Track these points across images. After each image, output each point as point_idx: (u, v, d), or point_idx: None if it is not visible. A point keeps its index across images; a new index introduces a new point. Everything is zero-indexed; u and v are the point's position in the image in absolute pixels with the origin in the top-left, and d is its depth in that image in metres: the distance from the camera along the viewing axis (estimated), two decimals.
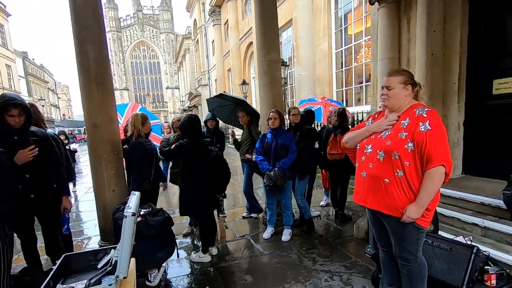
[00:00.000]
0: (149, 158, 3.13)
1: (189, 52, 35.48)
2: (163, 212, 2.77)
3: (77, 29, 2.93)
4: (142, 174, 3.12)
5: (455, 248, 1.99)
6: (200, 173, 3.01)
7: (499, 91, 3.21)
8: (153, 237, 2.57)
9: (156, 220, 2.62)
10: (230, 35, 17.75)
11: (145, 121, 3.18)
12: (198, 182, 3.01)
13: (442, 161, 1.59)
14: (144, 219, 2.56)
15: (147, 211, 2.63)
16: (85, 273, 1.59)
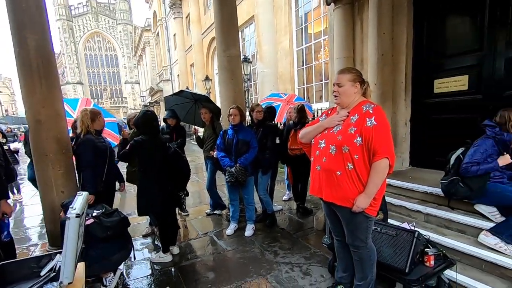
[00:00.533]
0: (101, 156, 2.95)
1: (149, 46, 33.94)
2: (118, 213, 2.64)
3: (14, 13, 2.64)
4: (93, 173, 2.93)
5: (400, 233, 2.17)
6: (157, 170, 2.91)
7: (439, 90, 3.52)
8: (108, 239, 2.44)
9: (111, 220, 2.49)
10: (192, 29, 17.30)
11: (95, 117, 2.97)
12: (156, 180, 2.91)
13: (386, 153, 1.72)
14: (98, 220, 2.42)
15: (100, 212, 2.49)
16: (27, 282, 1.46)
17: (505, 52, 2.94)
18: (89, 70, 59.55)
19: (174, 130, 4.28)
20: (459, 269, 2.22)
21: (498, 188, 2.38)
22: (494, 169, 2.39)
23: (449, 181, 2.57)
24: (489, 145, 2.43)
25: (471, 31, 3.20)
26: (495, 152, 2.41)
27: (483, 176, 2.40)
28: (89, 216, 2.39)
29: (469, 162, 2.43)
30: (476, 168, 2.39)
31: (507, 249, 2.21)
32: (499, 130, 2.42)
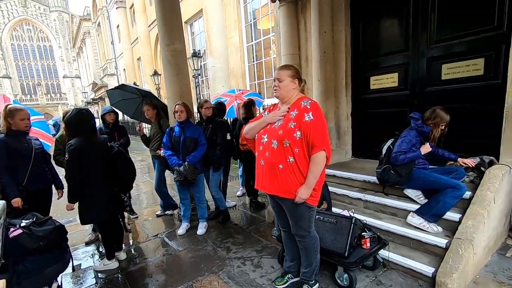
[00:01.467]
0: (19, 158, 2.64)
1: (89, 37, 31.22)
2: (52, 221, 2.38)
3: None
4: (9, 177, 2.61)
5: (339, 221, 2.34)
6: (101, 175, 2.70)
7: (375, 86, 3.84)
8: (41, 250, 2.20)
9: (43, 230, 2.24)
10: (138, 20, 16.31)
11: (13, 115, 2.65)
12: (100, 186, 2.70)
13: (323, 146, 1.84)
14: (27, 230, 2.16)
15: (30, 222, 2.23)
16: None
17: (426, 53, 3.31)
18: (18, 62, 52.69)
19: (115, 130, 3.99)
20: (391, 249, 2.48)
21: (422, 174, 2.69)
22: (418, 157, 2.70)
23: (382, 170, 2.84)
24: (413, 135, 2.73)
25: (399, 33, 3.54)
26: (418, 142, 2.72)
27: (409, 163, 2.69)
28: (16, 227, 2.13)
29: (397, 152, 2.70)
30: (404, 157, 2.67)
31: (429, 227, 2.52)
32: (421, 122, 2.74)
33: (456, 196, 2.50)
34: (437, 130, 2.71)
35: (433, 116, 2.71)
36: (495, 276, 2.27)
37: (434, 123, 2.70)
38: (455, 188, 2.49)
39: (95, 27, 28.74)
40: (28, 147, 2.76)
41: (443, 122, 2.70)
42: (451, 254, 2.15)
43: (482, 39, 2.90)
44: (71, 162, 2.54)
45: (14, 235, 2.07)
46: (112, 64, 24.31)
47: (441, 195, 2.52)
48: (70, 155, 2.52)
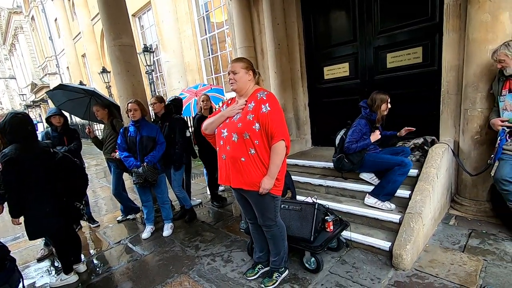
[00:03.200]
0: None
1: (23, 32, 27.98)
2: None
3: None
4: None
5: (304, 207, 2.42)
6: (45, 185, 2.46)
7: (328, 76, 4.01)
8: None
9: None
10: (79, 14, 14.96)
11: None
12: (45, 198, 2.46)
13: (282, 136, 1.88)
14: None
15: None
16: None
17: (372, 43, 3.52)
18: None
19: (65, 134, 3.65)
20: (352, 229, 2.64)
21: (371, 157, 2.89)
22: (368, 145, 2.90)
23: (337, 159, 3.02)
24: (363, 124, 2.90)
25: (347, 24, 3.72)
26: (368, 130, 2.90)
27: (361, 151, 2.88)
28: None
29: (349, 142, 2.87)
30: (355, 146, 2.85)
31: (384, 206, 2.72)
32: (369, 111, 2.91)
33: (403, 173, 2.71)
34: (383, 111, 2.88)
35: (373, 101, 2.86)
36: (441, 243, 2.54)
37: (377, 106, 2.85)
38: (401, 165, 2.70)
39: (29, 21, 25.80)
40: None
41: (384, 101, 2.84)
42: (404, 227, 2.36)
43: (420, 29, 3.16)
44: (5, 173, 2.29)
45: None
46: (53, 62, 22.12)
47: (390, 174, 2.73)
48: (4, 165, 2.28)
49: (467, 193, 2.93)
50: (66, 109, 4.13)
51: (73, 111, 4.28)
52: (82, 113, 4.27)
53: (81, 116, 4.41)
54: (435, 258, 2.34)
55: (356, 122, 2.94)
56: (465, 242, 2.51)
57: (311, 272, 2.37)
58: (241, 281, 2.40)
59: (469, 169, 2.74)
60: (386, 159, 2.82)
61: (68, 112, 4.19)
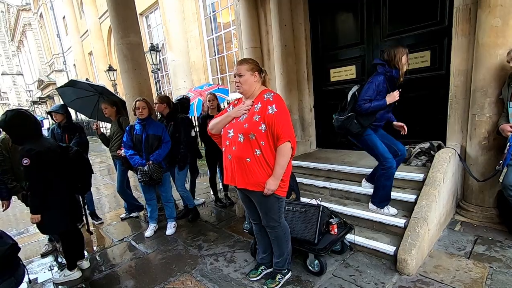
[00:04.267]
0: None
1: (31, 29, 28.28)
2: (3, 240, 2.12)
3: None
4: None
5: (308, 209, 2.41)
6: (59, 180, 2.48)
7: (335, 78, 4.00)
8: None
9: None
10: (87, 12, 15.09)
11: None
12: (64, 193, 2.50)
13: (288, 137, 1.88)
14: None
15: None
16: None
17: (380, 46, 3.51)
18: None
19: (66, 131, 3.64)
20: (357, 232, 2.62)
21: (369, 133, 2.63)
22: (382, 107, 2.53)
23: (346, 117, 2.62)
24: (381, 80, 2.52)
25: (355, 27, 3.71)
26: (384, 90, 2.54)
27: (372, 115, 2.57)
28: None
29: (363, 100, 2.52)
30: (368, 106, 2.50)
31: (382, 211, 2.71)
32: (388, 67, 2.52)
33: (388, 177, 2.58)
34: (404, 65, 2.51)
35: (393, 53, 2.48)
36: (447, 249, 2.51)
37: (398, 60, 2.47)
38: (383, 166, 2.56)
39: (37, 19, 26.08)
40: None
41: (404, 53, 2.49)
42: (409, 232, 2.34)
43: (428, 33, 3.14)
44: (33, 168, 2.28)
45: None
46: (60, 59, 22.33)
47: (377, 181, 2.67)
48: (32, 160, 2.26)
49: (473, 199, 2.91)
50: (74, 107, 4.16)
51: (81, 109, 4.32)
52: (89, 112, 4.30)
53: (88, 115, 4.44)
54: (440, 264, 2.32)
55: (372, 78, 2.56)
56: (470, 248, 2.48)
57: (314, 274, 2.36)
58: (243, 282, 2.40)
59: (476, 175, 2.71)
60: (379, 147, 2.59)
61: (76, 110, 4.23)
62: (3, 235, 2.09)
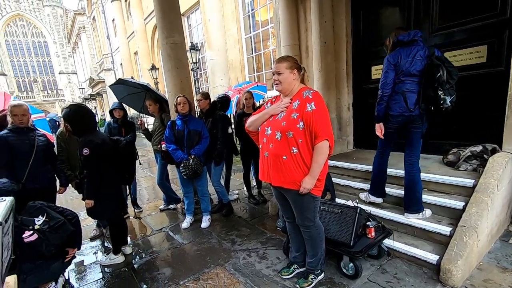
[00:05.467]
0: (18, 156, 2.64)
1: (85, 31, 30.83)
2: (67, 226, 2.36)
3: None
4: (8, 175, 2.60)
5: (344, 211, 2.35)
6: (111, 169, 2.70)
7: (376, 76, 3.81)
8: (52, 255, 2.22)
9: (59, 237, 2.24)
10: (133, 14, 16.08)
11: (10, 112, 2.65)
12: (115, 182, 2.73)
13: (326, 136, 1.84)
14: (42, 236, 2.14)
15: (43, 222, 2.20)
16: None
17: (428, 41, 3.27)
18: (13, 59, 52.06)
19: (123, 125, 3.99)
20: (395, 237, 2.50)
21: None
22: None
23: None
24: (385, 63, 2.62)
25: (401, 21, 3.49)
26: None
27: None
28: (30, 229, 2.11)
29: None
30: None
31: (424, 214, 2.57)
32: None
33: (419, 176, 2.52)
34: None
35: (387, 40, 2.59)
36: (499, 262, 2.29)
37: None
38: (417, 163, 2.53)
39: (90, 22, 28.36)
40: (29, 144, 2.73)
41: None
42: (456, 241, 2.17)
43: (485, 26, 2.87)
44: (92, 158, 2.50)
45: (29, 241, 2.06)
46: (109, 59, 24.07)
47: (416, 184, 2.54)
48: (91, 150, 2.49)
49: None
50: (125, 102, 4.49)
51: (132, 104, 4.63)
52: (139, 107, 4.60)
53: (138, 110, 4.75)
54: (490, 278, 2.12)
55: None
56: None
57: (348, 277, 2.29)
58: (275, 279, 2.41)
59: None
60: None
61: (127, 105, 4.55)
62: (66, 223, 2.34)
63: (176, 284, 2.51)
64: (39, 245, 2.10)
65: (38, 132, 2.92)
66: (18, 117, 2.68)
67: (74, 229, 2.37)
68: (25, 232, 2.06)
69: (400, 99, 2.47)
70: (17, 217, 2.11)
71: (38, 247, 2.09)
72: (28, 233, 2.06)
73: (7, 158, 2.60)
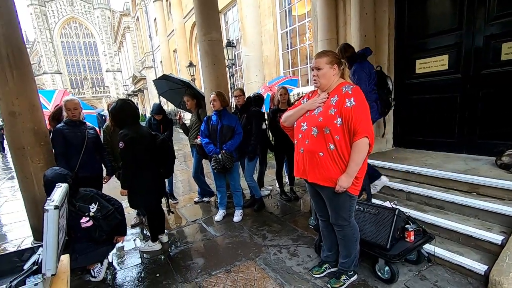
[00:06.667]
0: (72, 146, 2.89)
1: (129, 31, 32.72)
2: (115, 215, 2.58)
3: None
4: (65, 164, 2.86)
5: (381, 212, 2.24)
6: (148, 162, 2.84)
7: (421, 70, 3.57)
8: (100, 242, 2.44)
9: (109, 224, 2.48)
10: (173, 13, 16.71)
11: (64, 106, 2.94)
12: (152, 174, 2.87)
13: (366, 133, 1.76)
14: (97, 222, 2.37)
15: (97, 210, 2.43)
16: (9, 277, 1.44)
17: (484, 31, 2.98)
18: (67, 58, 56.90)
19: (162, 122, 4.21)
20: (437, 243, 2.33)
21: None
22: None
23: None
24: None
25: (451, 10, 3.22)
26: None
27: None
28: (86, 215, 2.34)
29: None
30: None
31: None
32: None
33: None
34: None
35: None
36: None
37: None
38: None
39: (134, 22, 30.01)
40: (81, 136, 2.99)
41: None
42: (508, 251, 1.98)
43: None
44: (126, 151, 2.66)
45: (86, 226, 2.31)
46: (150, 57, 25.31)
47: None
48: (126, 144, 2.63)
49: None
50: (165, 96, 4.71)
51: (171, 99, 4.85)
52: (178, 102, 4.79)
53: (176, 105, 4.95)
54: None
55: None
56: None
57: (383, 281, 2.20)
58: (306, 277, 2.38)
59: None
60: None
61: (166, 99, 4.77)
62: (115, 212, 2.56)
63: (209, 274, 2.58)
64: (93, 231, 2.32)
65: (88, 125, 3.18)
66: (71, 111, 2.94)
67: (121, 218, 2.57)
68: (82, 218, 2.28)
69: (375, 106, 2.84)
70: (74, 202, 2.34)
71: (92, 232, 2.31)
72: (85, 219, 2.28)
73: (63, 149, 2.87)
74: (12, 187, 6.72)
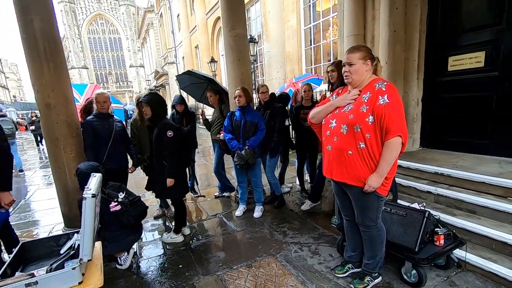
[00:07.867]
0: (100, 138, 3.00)
1: (152, 27, 33.40)
2: (141, 202, 2.70)
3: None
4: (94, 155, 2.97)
5: (410, 213, 2.17)
6: (180, 154, 2.92)
7: (454, 67, 3.40)
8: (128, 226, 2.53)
9: (136, 210, 2.58)
10: (196, 9, 16.88)
11: (94, 99, 3.07)
12: (181, 163, 2.95)
13: (399, 132, 1.69)
14: (125, 208, 2.48)
15: (124, 197, 2.54)
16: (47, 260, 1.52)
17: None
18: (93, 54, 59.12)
19: (184, 116, 4.25)
20: (468, 249, 2.23)
21: None
22: None
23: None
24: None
25: (489, 4, 3.04)
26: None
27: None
28: (115, 201, 2.45)
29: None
30: None
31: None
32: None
33: None
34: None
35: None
36: None
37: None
38: None
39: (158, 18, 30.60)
40: (109, 129, 3.10)
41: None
42: None
43: None
44: (175, 138, 2.76)
45: (114, 210, 2.42)
46: (172, 52, 25.74)
47: None
48: (174, 132, 2.75)
49: None
50: (187, 91, 4.79)
51: (192, 93, 4.92)
52: (198, 96, 4.86)
53: (197, 99, 5.02)
54: None
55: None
56: None
57: (409, 285, 2.14)
58: (328, 276, 2.35)
59: None
60: None
61: (188, 93, 4.84)
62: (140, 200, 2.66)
63: (230, 268, 2.61)
64: (121, 215, 2.41)
65: (116, 118, 3.29)
66: (101, 103, 3.05)
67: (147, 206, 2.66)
68: (111, 203, 2.38)
69: None
70: (104, 190, 2.45)
71: (120, 216, 2.41)
72: (114, 203, 2.38)
73: (92, 140, 2.99)
74: (44, 176, 7.09)
